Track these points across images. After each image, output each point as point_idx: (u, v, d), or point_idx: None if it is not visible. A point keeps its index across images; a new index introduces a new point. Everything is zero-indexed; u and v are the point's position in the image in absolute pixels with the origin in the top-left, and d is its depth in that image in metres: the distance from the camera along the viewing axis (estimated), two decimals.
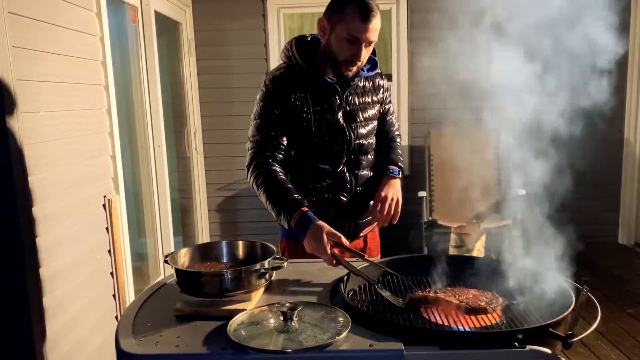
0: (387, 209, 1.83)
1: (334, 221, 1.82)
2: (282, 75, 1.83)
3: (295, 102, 1.79)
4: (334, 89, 1.83)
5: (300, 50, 1.83)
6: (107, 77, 2.69)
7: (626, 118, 4.83)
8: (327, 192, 1.88)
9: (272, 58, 4.56)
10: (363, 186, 1.93)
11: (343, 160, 1.87)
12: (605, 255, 4.65)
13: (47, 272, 2.07)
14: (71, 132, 2.35)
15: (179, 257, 1.47)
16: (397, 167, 1.96)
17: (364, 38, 1.70)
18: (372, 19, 1.69)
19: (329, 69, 1.82)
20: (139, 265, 3.60)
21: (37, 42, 2.11)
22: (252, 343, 1.12)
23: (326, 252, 1.52)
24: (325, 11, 1.77)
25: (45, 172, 2.12)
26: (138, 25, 3.42)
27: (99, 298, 2.56)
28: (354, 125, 1.87)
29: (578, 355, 2.97)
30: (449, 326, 1.25)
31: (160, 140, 3.66)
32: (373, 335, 1.17)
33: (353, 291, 1.47)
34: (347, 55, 1.74)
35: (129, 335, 1.21)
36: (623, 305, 3.59)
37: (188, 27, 4.47)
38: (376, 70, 1.95)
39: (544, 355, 1.11)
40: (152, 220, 3.62)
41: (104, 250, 2.64)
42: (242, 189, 4.74)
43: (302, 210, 1.63)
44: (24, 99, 1.97)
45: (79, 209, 2.39)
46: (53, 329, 2.10)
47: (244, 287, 1.36)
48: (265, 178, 1.73)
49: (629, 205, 4.92)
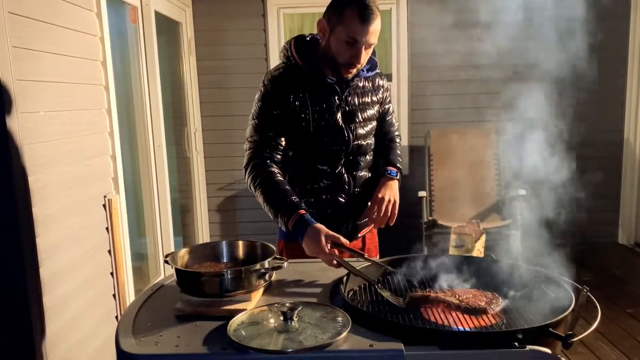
0: (383, 210, 1.83)
1: (332, 222, 1.82)
2: (280, 75, 1.82)
3: (294, 103, 1.78)
4: (333, 89, 1.82)
5: (299, 50, 1.82)
6: (107, 77, 2.69)
7: (626, 118, 4.82)
8: (325, 193, 1.87)
9: (272, 58, 4.56)
10: (361, 187, 1.93)
11: (341, 161, 1.87)
12: (605, 255, 4.65)
13: (47, 272, 2.07)
14: (71, 132, 2.35)
15: (179, 257, 1.47)
16: (395, 168, 1.95)
17: (363, 40, 1.68)
18: (373, 22, 1.67)
19: (328, 70, 1.81)
20: (139, 265, 3.60)
21: (37, 42, 2.11)
22: (252, 343, 1.12)
23: (325, 252, 1.52)
24: (324, 12, 1.75)
25: (45, 172, 2.12)
26: (138, 25, 3.42)
27: (99, 298, 2.56)
28: (352, 125, 1.86)
29: (578, 355, 2.97)
30: (449, 326, 1.25)
31: (160, 140, 3.66)
32: (373, 335, 1.17)
33: (353, 291, 1.47)
34: (347, 57, 1.72)
35: (129, 335, 1.21)
36: (623, 305, 3.58)
37: (188, 27, 4.47)
38: (376, 70, 1.94)
39: (544, 355, 1.11)
40: (152, 220, 3.62)
41: (104, 250, 2.64)
42: (242, 189, 4.74)
43: (300, 212, 1.63)
44: (24, 99, 1.97)
45: (79, 209, 2.39)
46: (53, 329, 2.10)
47: (244, 287, 1.36)
48: (262, 179, 1.72)
49: (629, 205, 4.92)
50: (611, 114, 4.82)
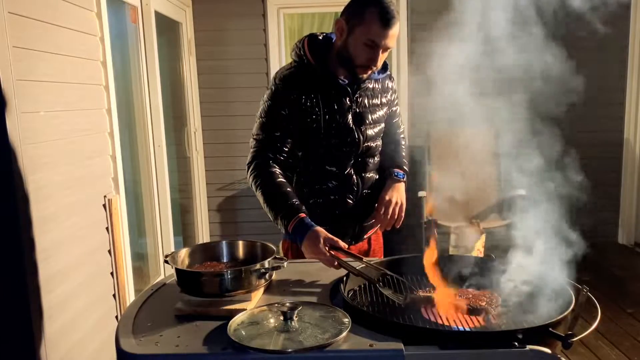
0: (390, 212, 1.83)
1: (340, 223, 1.82)
2: (292, 75, 1.79)
3: (305, 103, 1.76)
4: (345, 91, 1.80)
5: (313, 49, 1.79)
6: (107, 77, 2.69)
7: (626, 118, 4.83)
8: (333, 194, 1.85)
9: (272, 58, 4.56)
10: (369, 189, 1.92)
11: (351, 162, 1.85)
12: (605, 255, 4.65)
13: (47, 272, 2.07)
14: (71, 132, 2.35)
15: (179, 257, 1.47)
16: (402, 170, 1.95)
17: (382, 44, 1.67)
18: (393, 25, 1.66)
19: (340, 70, 1.78)
20: (139, 265, 3.60)
21: (37, 42, 2.11)
22: (252, 343, 1.12)
23: (324, 253, 1.52)
24: (343, 12, 1.73)
25: (45, 172, 2.12)
26: (138, 25, 3.42)
27: (99, 298, 2.56)
28: (362, 127, 1.84)
29: (578, 355, 2.96)
30: (449, 326, 1.25)
31: (160, 140, 3.66)
32: (373, 335, 1.17)
33: (353, 291, 1.47)
34: (364, 59, 1.70)
35: (129, 335, 1.21)
36: (623, 305, 3.58)
37: (188, 27, 4.47)
38: (387, 72, 1.92)
39: (544, 355, 1.11)
40: (152, 220, 3.62)
41: (104, 250, 2.64)
42: (242, 189, 4.75)
43: (300, 216, 1.62)
44: (24, 99, 1.97)
45: (79, 209, 2.39)
46: (53, 329, 2.10)
47: (244, 287, 1.36)
48: (264, 180, 1.72)
49: (629, 205, 4.92)
50: (611, 114, 4.82)
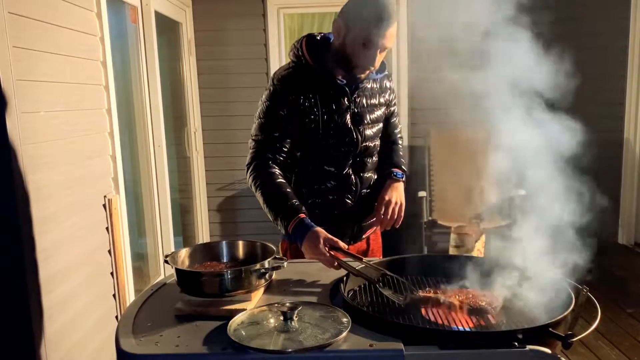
0: (390, 212, 1.83)
1: (338, 223, 1.82)
2: (290, 75, 1.79)
3: (303, 104, 1.76)
4: (343, 91, 1.80)
5: (311, 49, 1.79)
6: (107, 77, 2.69)
7: (626, 118, 4.82)
8: (332, 194, 1.85)
9: (272, 58, 4.56)
10: (368, 188, 1.92)
11: (349, 162, 1.85)
12: (605, 256, 4.65)
13: (47, 272, 2.07)
14: (71, 132, 2.35)
15: (179, 257, 1.47)
16: (400, 170, 1.95)
17: (380, 44, 1.67)
18: (390, 26, 1.65)
19: (339, 70, 1.78)
20: (139, 265, 3.60)
21: (37, 42, 2.11)
22: (252, 343, 1.12)
23: (324, 254, 1.52)
24: (340, 12, 1.73)
25: (45, 172, 2.12)
26: (138, 25, 3.42)
27: (99, 298, 2.56)
28: (361, 127, 1.84)
29: (578, 355, 2.96)
30: (449, 326, 1.25)
31: (160, 140, 3.66)
32: (373, 335, 1.17)
33: (353, 291, 1.47)
34: (362, 59, 1.70)
35: (129, 335, 1.21)
36: (623, 305, 3.58)
37: (188, 27, 4.46)
38: (385, 72, 1.92)
39: (544, 355, 1.11)
40: (152, 220, 3.62)
41: (104, 250, 2.64)
42: (242, 189, 4.74)
43: (300, 216, 1.62)
44: (24, 99, 1.97)
45: (79, 209, 2.39)
46: (53, 329, 2.10)
47: (244, 287, 1.36)
48: (263, 180, 1.72)
49: (629, 205, 4.92)
50: (611, 114, 4.82)
